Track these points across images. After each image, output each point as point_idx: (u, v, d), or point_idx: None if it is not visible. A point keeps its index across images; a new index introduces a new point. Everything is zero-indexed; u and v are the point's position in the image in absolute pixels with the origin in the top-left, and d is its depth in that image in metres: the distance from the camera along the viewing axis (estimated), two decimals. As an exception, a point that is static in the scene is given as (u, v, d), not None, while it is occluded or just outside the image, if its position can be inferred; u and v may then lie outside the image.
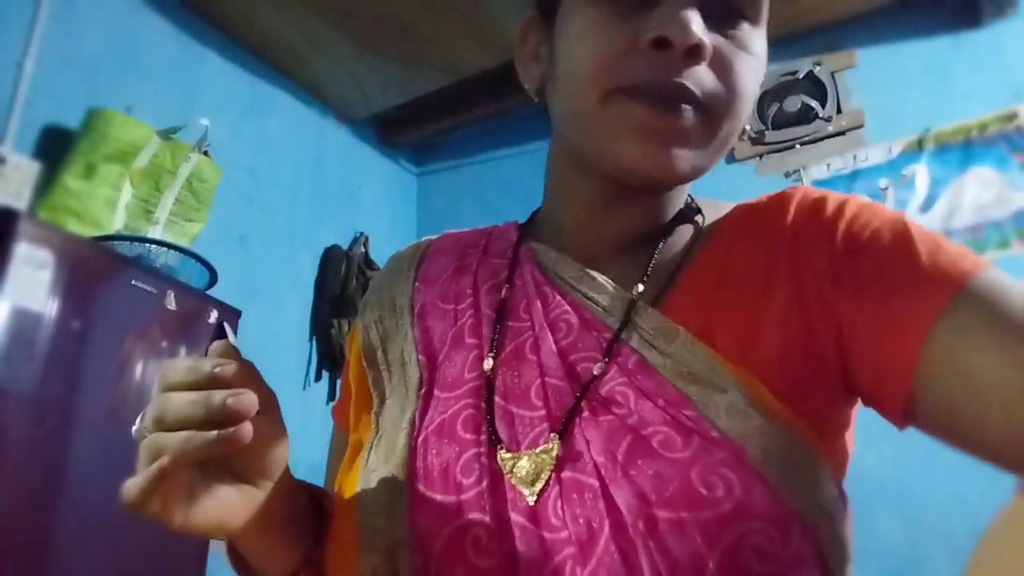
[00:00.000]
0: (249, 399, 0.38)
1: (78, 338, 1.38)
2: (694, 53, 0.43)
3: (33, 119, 1.75)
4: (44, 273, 1.33)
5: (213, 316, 1.69)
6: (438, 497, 0.44)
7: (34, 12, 1.79)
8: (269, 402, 0.43)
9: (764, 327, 0.43)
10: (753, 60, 0.47)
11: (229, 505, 0.43)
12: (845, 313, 0.42)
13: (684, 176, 0.47)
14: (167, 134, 1.83)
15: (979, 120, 2.14)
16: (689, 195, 0.55)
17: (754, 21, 0.47)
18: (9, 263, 1.28)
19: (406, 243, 0.65)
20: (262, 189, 2.40)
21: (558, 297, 0.50)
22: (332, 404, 0.84)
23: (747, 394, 0.41)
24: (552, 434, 0.43)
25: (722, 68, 0.45)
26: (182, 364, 0.40)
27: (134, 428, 0.41)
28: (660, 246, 0.51)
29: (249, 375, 0.41)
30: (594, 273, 0.50)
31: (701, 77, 0.44)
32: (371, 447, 0.50)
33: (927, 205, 2.16)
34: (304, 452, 0.69)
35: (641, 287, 0.48)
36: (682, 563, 0.36)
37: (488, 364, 0.48)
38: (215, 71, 2.31)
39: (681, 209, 0.54)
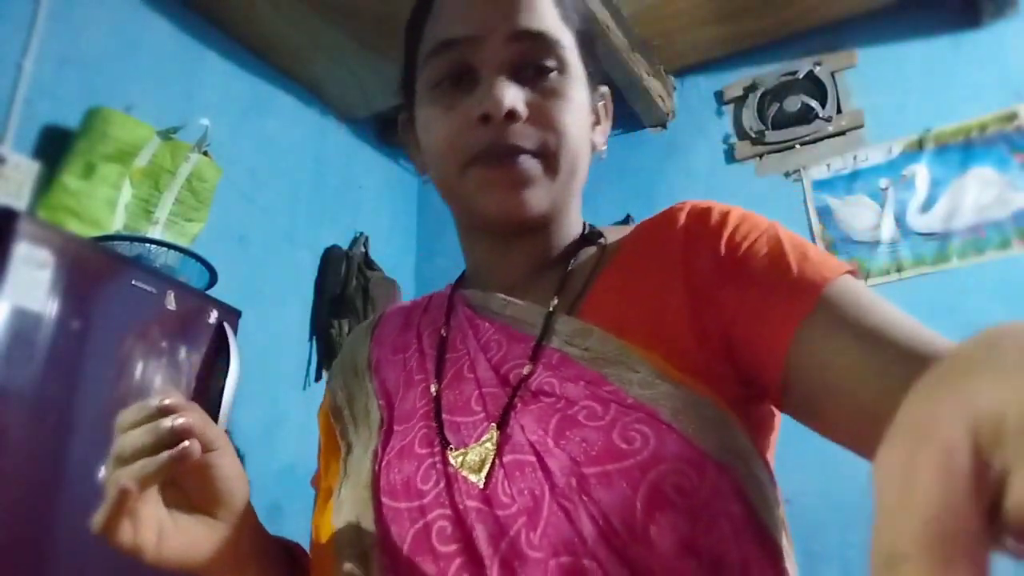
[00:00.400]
0: (192, 419, 0.46)
1: (78, 338, 1.38)
2: (511, 116, 0.53)
3: (33, 119, 1.75)
4: (44, 273, 1.33)
5: (213, 316, 1.69)
6: (403, 505, 0.50)
7: (34, 12, 1.79)
8: (220, 439, 0.50)
9: (665, 318, 0.51)
10: (567, 103, 0.56)
11: (196, 537, 0.50)
12: (729, 311, 0.49)
13: (541, 210, 0.56)
14: (167, 134, 1.83)
15: (979, 120, 2.14)
16: (587, 223, 0.65)
17: (562, 72, 0.57)
18: (9, 263, 1.28)
19: (406, 243, 0.69)
20: (262, 189, 2.40)
21: (487, 324, 0.58)
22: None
23: (655, 371, 0.48)
24: (491, 425, 0.50)
25: (542, 117, 0.55)
26: (133, 407, 0.48)
27: (100, 474, 0.45)
28: (571, 265, 0.59)
29: (197, 414, 0.48)
30: (515, 300, 0.58)
31: (525, 132, 0.54)
32: (340, 487, 0.55)
33: (927, 205, 2.16)
34: (304, 453, 0.70)
35: (556, 300, 0.56)
36: (613, 507, 0.42)
37: (434, 388, 0.56)
38: (215, 71, 2.31)
39: (584, 234, 0.63)
